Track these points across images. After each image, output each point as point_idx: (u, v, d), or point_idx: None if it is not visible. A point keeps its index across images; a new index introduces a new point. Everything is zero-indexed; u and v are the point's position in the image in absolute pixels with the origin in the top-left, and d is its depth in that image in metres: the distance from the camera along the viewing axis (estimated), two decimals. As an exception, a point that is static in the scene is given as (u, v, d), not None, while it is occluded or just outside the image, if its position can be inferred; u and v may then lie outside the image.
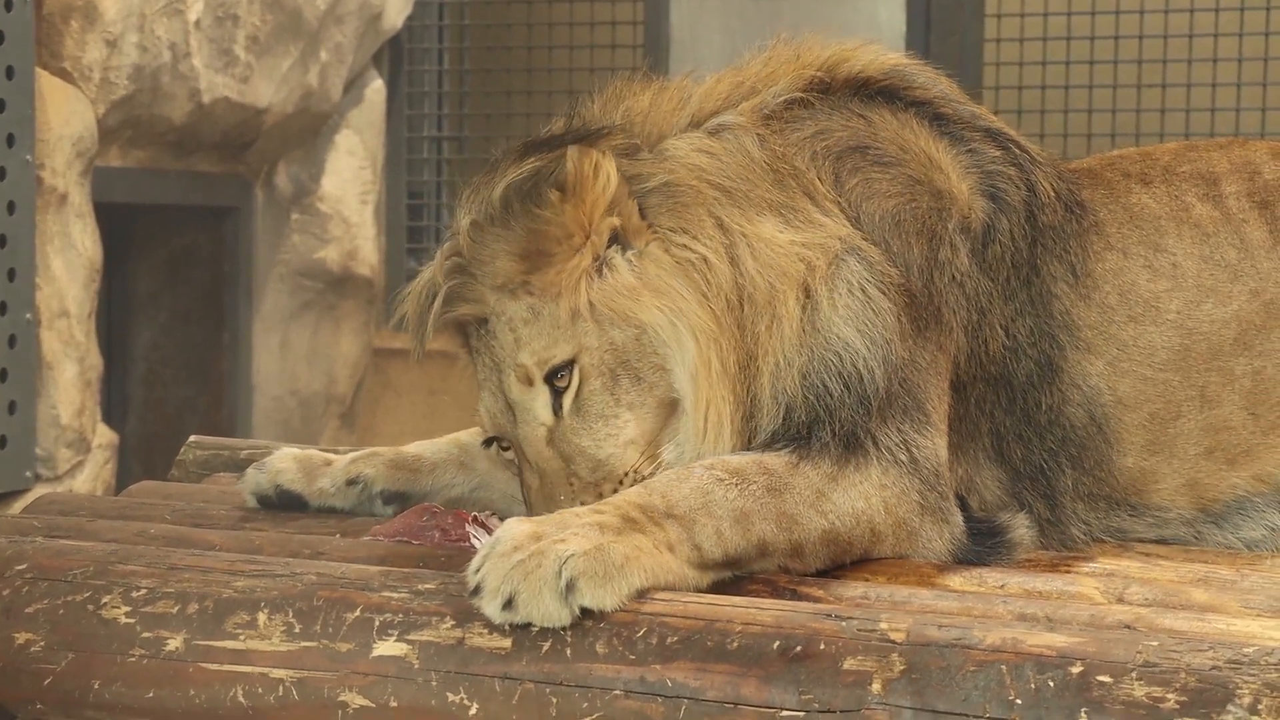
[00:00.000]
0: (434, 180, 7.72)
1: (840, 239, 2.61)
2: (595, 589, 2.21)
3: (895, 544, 2.57)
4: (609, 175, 2.59)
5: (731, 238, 2.60)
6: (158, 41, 5.46)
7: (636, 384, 2.60)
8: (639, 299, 2.58)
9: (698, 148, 2.67)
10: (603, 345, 2.58)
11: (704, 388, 2.56)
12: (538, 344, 2.59)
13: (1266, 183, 2.93)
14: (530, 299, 2.60)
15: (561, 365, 2.58)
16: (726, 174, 2.64)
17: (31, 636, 2.43)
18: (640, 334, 2.58)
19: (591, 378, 2.58)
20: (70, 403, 5.09)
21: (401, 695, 2.25)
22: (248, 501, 3.06)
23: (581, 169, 2.56)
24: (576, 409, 2.59)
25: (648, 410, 2.60)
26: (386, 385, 7.25)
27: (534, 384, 2.60)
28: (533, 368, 2.59)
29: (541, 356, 2.59)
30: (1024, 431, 2.77)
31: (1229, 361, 2.83)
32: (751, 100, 2.76)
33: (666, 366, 2.59)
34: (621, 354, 2.59)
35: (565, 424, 2.60)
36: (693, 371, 2.56)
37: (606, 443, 2.59)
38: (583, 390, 2.59)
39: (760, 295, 2.58)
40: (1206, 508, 2.84)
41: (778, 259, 2.59)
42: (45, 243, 4.99)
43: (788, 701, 2.09)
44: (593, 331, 2.58)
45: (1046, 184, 2.85)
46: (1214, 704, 1.93)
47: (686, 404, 2.58)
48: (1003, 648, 2.05)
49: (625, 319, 2.58)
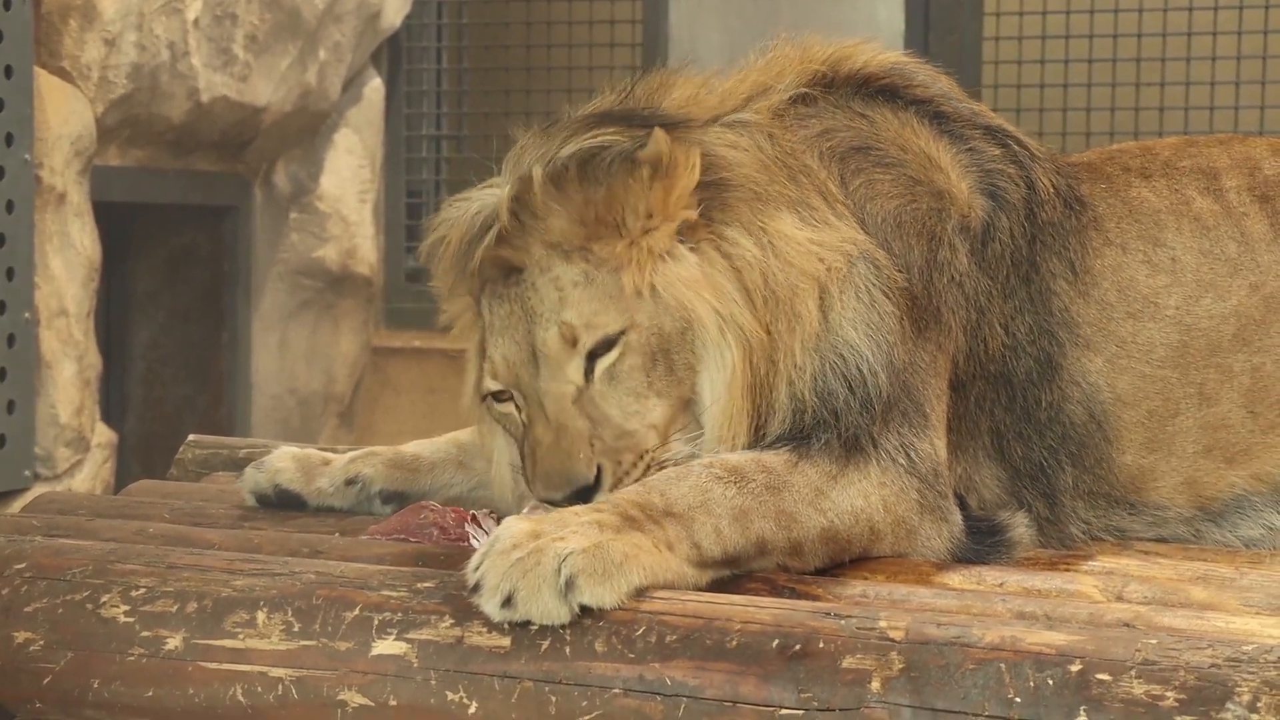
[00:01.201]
0: (433, 179, 7.72)
1: (855, 243, 2.62)
2: (594, 587, 2.21)
3: (894, 542, 2.57)
4: (695, 167, 2.60)
5: (762, 235, 2.61)
6: (156, 40, 5.46)
7: (668, 374, 2.59)
8: (700, 293, 2.58)
9: (727, 143, 2.68)
10: (652, 327, 2.58)
11: (736, 397, 2.55)
12: (587, 308, 2.58)
13: (1267, 178, 2.93)
14: (585, 265, 2.59)
15: (613, 336, 2.57)
16: (752, 169, 2.65)
17: (31, 635, 2.43)
18: (687, 328, 2.58)
19: (633, 354, 2.57)
20: (69, 402, 5.09)
21: (400, 694, 2.25)
22: (246, 500, 3.06)
23: (675, 155, 2.57)
24: (609, 378, 2.58)
25: (669, 402, 2.59)
26: (385, 384, 7.25)
27: (576, 345, 2.58)
28: (580, 329, 2.57)
29: (591, 321, 2.57)
30: (1024, 429, 2.77)
31: (1228, 358, 2.83)
32: (765, 99, 2.77)
33: (697, 368, 2.58)
34: (666, 341, 2.58)
35: (595, 389, 2.58)
36: (729, 379, 2.55)
37: (633, 419, 2.58)
38: (621, 363, 2.57)
39: (783, 293, 2.58)
40: (1205, 506, 2.84)
41: (798, 257, 2.59)
42: (44, 242, 4.99)
43: (787, 700, 2.09)
44: (648, 311, 2.57)
45: (1046, 180, 2.85)
46: (1213, 702, 1.93)
47: (715, 408, 2.57)
48: (1002, 646, 2.05)
49: (681, 309, 2.57)
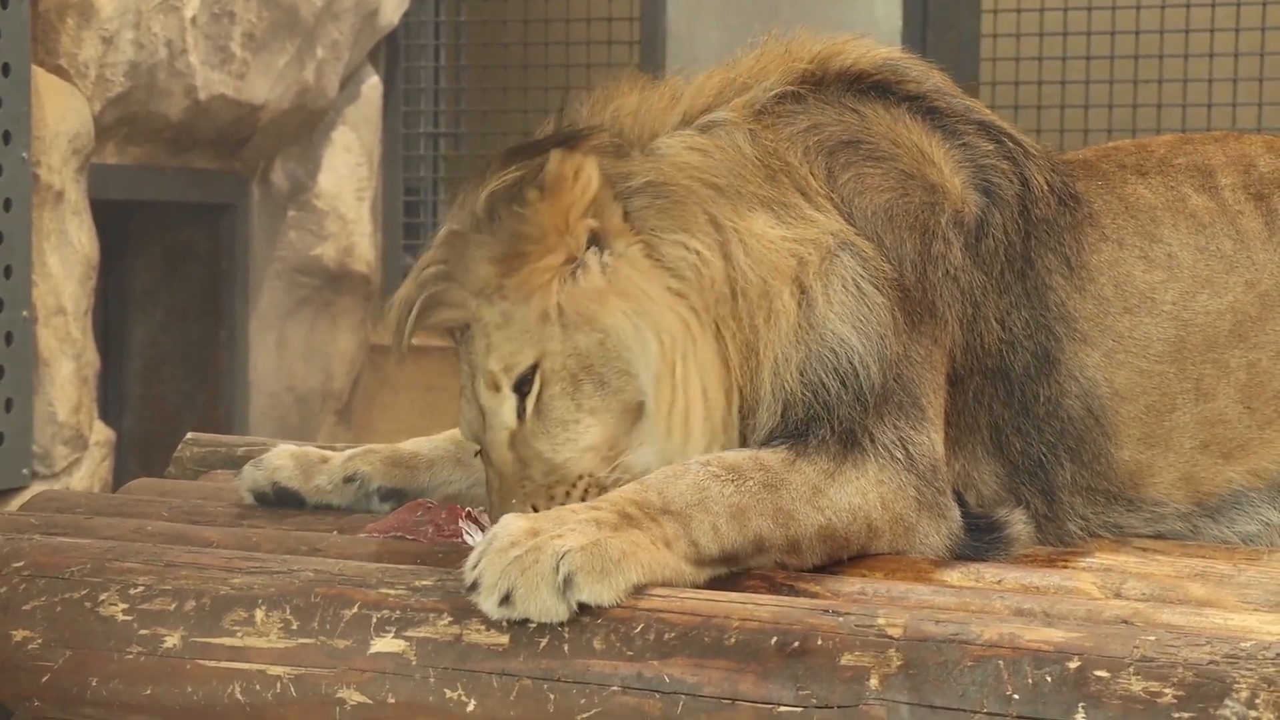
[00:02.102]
0: (430, 177, 7.72)
1: (833, 234, 2.61)
2: (593, 584, 2.21)
3: (892, 540, 2.57)
4: (590, 177, 2.58)
5: (724, 234, 2.60)
6: (154, 38, 5.45)
7: (600, 389, 2.59)
8: (604, 302, 2.57)
9: (689, 145, 2.67)
10: (566, 350, 2.57)
11: (666, 390, 2.55)
12: (505, 349, 2.59)
13: (1262, 175, 2.93)
14: (504, 303, 2.60)
15: (527, 371, 2.58)
16: (718, 171, 2.64)
17: (29, 634, 2.43)
18: (604, 338, 2.58)
19: (553, 383, 2.58)
20: (67, 400, 5.09)
21: (399, 692, 2.25)
22: (245, 499, 3.06)
23: (561, 170, 2.56)
24: (538, 413, 2.58)
25: (611, 415, 2.59)
26: (383, 382, 7.25)
27: (500, 390, 2.59)
28: (500, 374, 2.59)
29: (508, 363, 2.59)
30: (1022, 424, 2.77)
31: (1224, 354, 2.83)
32: (743, 96, 2.75)
33: (632, 371, 2.58)
34: (585, 359, 2.58)
35: (526, 428, 2.59)
36: (656, 373, 2.55)
37: (564, 447, 2.58)
38: (544, 395, 2.58)
39: (754, 290, 2.57)
40: (1202, 502, 2.84)
41: (769, 254, 2.58)
42: (42, 240, 4.99)
43: (785, 697, 2.09)
44: (557, 336, 2.57)
45: (1040, 177, 2.84)
46: (1211, 698, 1.93)
47: (650, 406, 2.58)
48: (1000, 643, 2.05)
49: (590, 322, 2.57)
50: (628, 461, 2.59)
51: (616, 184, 2.63)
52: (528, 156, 2.63)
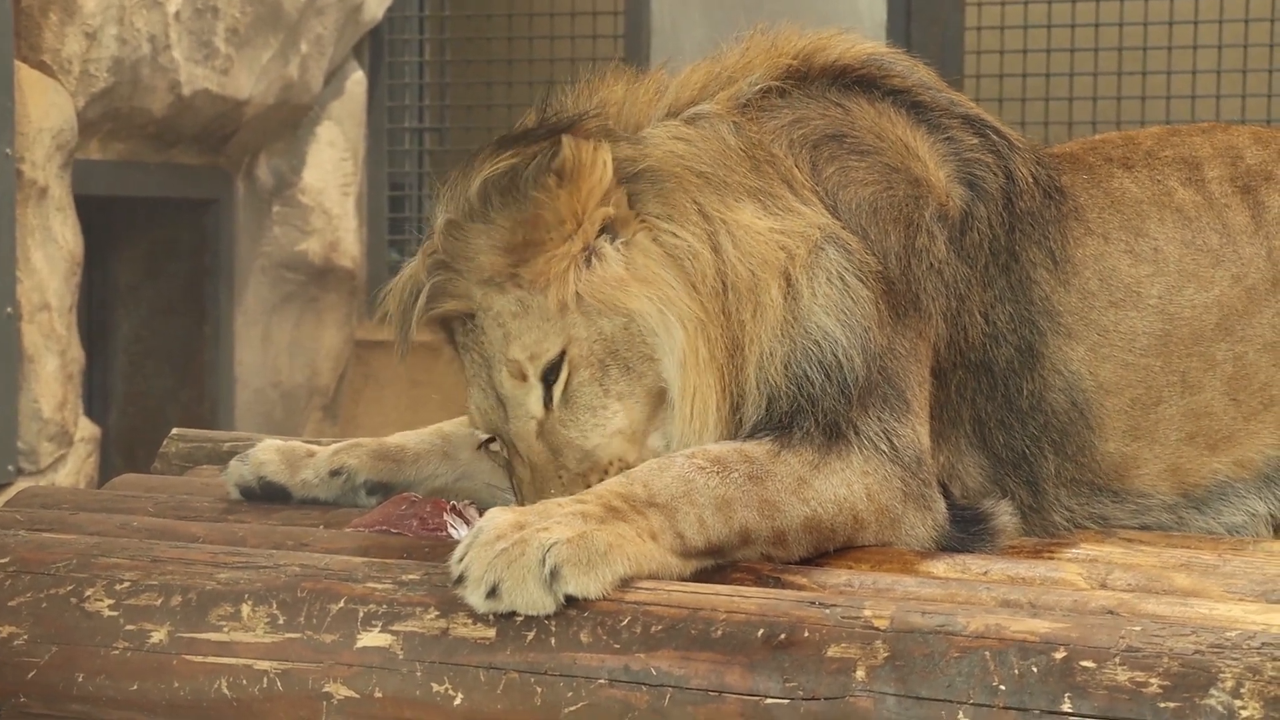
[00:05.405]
0: (415, 171, 7.71)
1: (819, 227, 2.61)
2: (579, 576, 2.21)
3: (878, 531, 2.57)
4: (605, 163, 2.58)
5: (713, 224, 2.60)
6: (137, 34, 5.44)
7: (626, 374, 2.59)
8: (627, 289, 2.57)
9: (675, 135, 2.67)
10: (591, 336, 2.58)
11: (691, 375, 2.56)
12: (528, 338, 2.58)
13: (1249, 167, 2.93)
14: (518, 291, 2.59)
15: (555, 359, 2.57)
16: (704, 160, 2.64)
17: (14, 630, 2.43)
18: (629, 323, 2.58)
19: (580, 369, 2.58)
20: (52, 396, 5.08)
21: (386, 686, 2.24)
22: (231, 493, 3.05)
23: (579, 156, 2.56)
24: (565, 401, 2.58)
25: (636, 400, 2.60)
26: (369, 377, 7.24)
27: (527, 379, 2.59)
28: (525, 363, 2.58)
29: (534, 351, 2.58)
30: (1006, 417, 2.77)
31: (1210, 347, 2.84)
32: (728, 90, 2.75)
33: (655, 356, 2.58)
34: (611, 344, 2.58)
35: (554, 416, 2.59)
36: (681, 359, 2.56)
37: (593, 433, 2.58)
38: (572, 382, 2.58)
39: (743, 284, 2.58)
40: (1188, 493, 2.84)
41: (758, 246, 2.58)
42: (26, 236, 4.98)
43: (772, 689, 2.09)
44: (581, 322, 2.57)
45: (1024, 170, 2.85)
46: (1197, 688, 1.93)
47: (674, 392, 2.58)
48: (986, 634, 2.06)
49: (614, 309, 2.57)
50: (651, 446, 2.60)
51: (621, 169, 2.63)
52: (520, 144, 2.62)
